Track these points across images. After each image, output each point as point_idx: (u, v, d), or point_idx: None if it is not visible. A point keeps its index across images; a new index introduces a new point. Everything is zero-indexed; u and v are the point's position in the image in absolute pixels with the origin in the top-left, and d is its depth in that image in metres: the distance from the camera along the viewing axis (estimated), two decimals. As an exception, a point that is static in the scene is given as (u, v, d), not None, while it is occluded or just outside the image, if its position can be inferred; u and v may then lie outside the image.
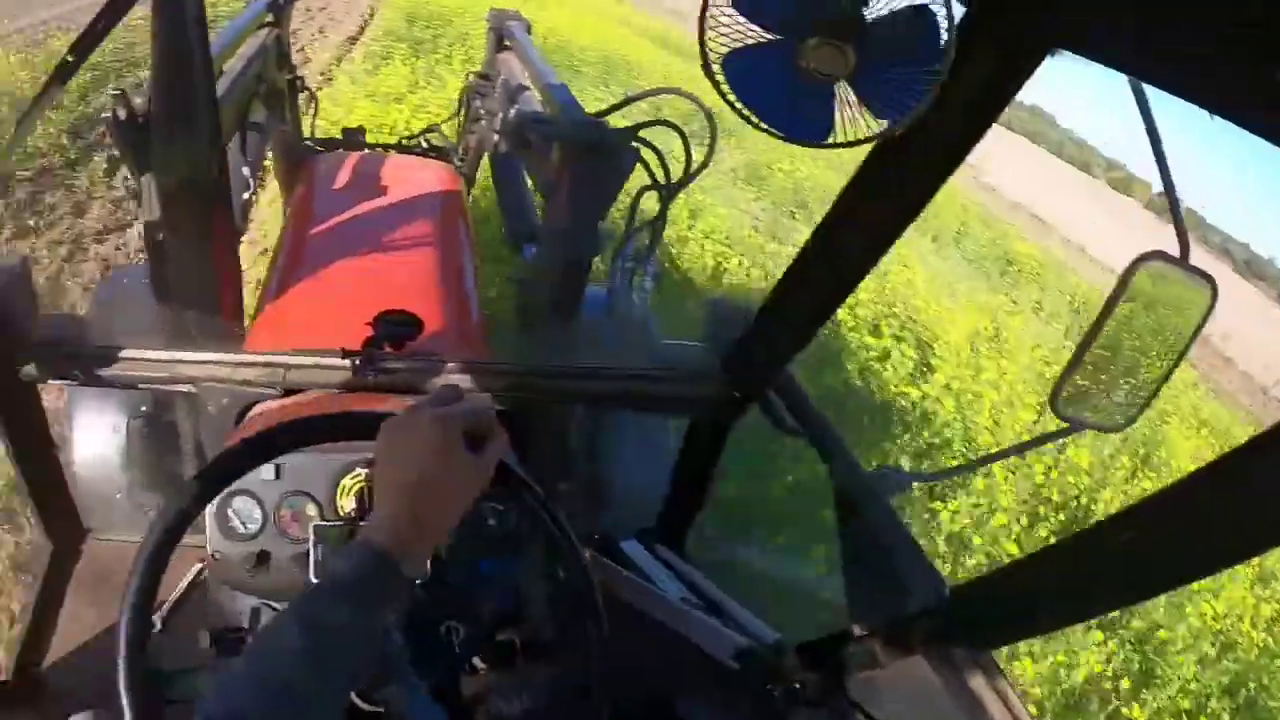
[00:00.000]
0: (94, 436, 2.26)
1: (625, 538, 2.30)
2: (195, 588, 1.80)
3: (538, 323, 2.40)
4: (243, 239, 3.72)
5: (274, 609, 1.52)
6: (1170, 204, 1.15)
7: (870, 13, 0.97)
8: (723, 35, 1.01)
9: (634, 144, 2.14)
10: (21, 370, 1.72)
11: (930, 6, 0.95)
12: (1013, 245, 16.92)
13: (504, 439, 1.13)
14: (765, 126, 1.07)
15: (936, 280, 10.26)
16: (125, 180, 6.18)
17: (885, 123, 1.05)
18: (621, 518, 2.43)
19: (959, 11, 1.05)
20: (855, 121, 1.06)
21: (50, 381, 1.79)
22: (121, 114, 1.81)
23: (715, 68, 1.03)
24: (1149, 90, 1.03)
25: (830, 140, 1.08)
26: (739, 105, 1.05)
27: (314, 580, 1.37)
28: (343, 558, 0.98)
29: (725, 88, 1.04)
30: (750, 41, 1.02)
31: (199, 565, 1.70)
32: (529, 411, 2.00)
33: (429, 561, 1.21)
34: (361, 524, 1.51)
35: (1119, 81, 1.01)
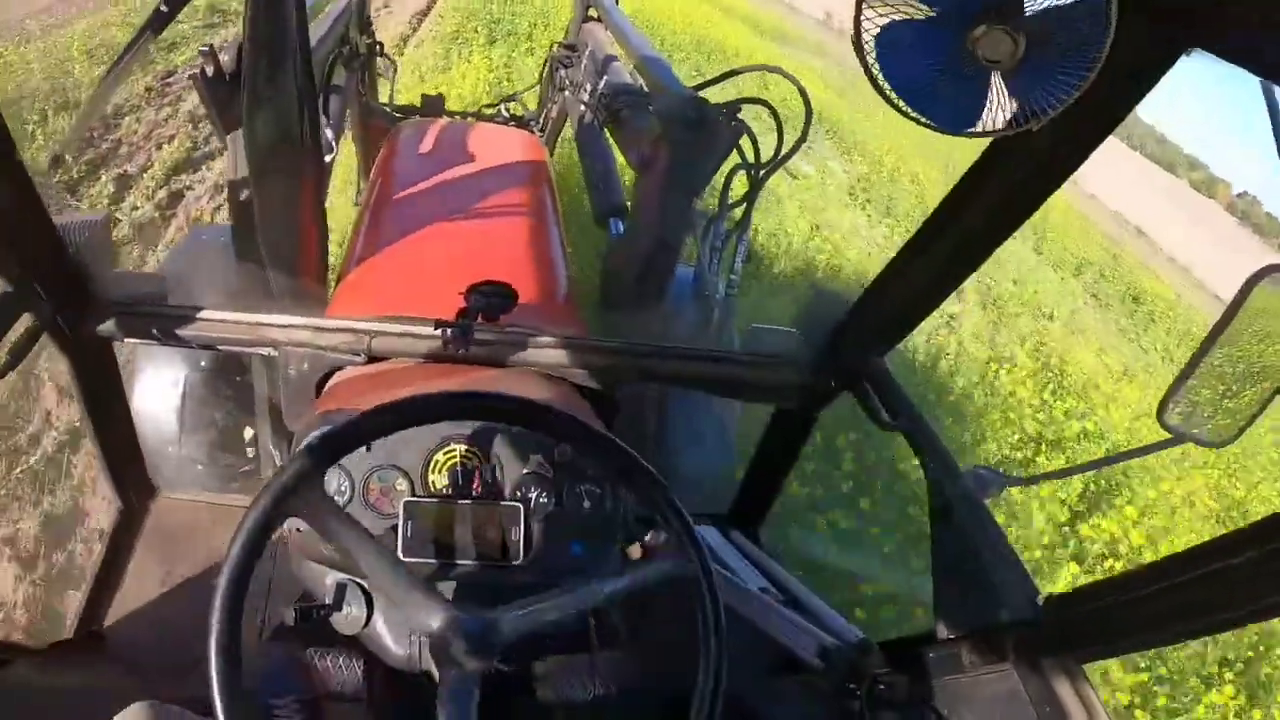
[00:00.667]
0: (162, 394, 2.29)
1: (700, 523, 2.28)
2: (272, 559, 1.78)
3: (624, 300, 2.38)
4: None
5: (360, 585, 1.47)
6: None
7: (1035, 4, 0.94)
8: (880, 7, 0.97)
9: (733, 122, 2.11)
10: (99, 328, 1.73)
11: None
12: (1139, 281, 16.60)
13: None
14: (912, 112, 1.03)
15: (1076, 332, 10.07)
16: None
17: (1034, 117, 1.01)
18: (696, 502, 2.41)
19: None
20: (1003, 111, 1.02)
21: (128, 340, 1.80)
22: (209, 70, 1.81)
23: (868, 41, 0.99)
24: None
25: (971, 130, 1.04)
26: (883, 82, 1.02)
27: (401, 557, 1.36)
28: None
29: (873, 62, 1.01)
30: (911, 15, 0.98)
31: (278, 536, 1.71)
32: (609, 390, 1.99)
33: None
34: (448, 502, 1.52)
35: (1202, 77, 0.99)
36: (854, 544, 4.07)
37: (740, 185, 2.19)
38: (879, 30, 0.99)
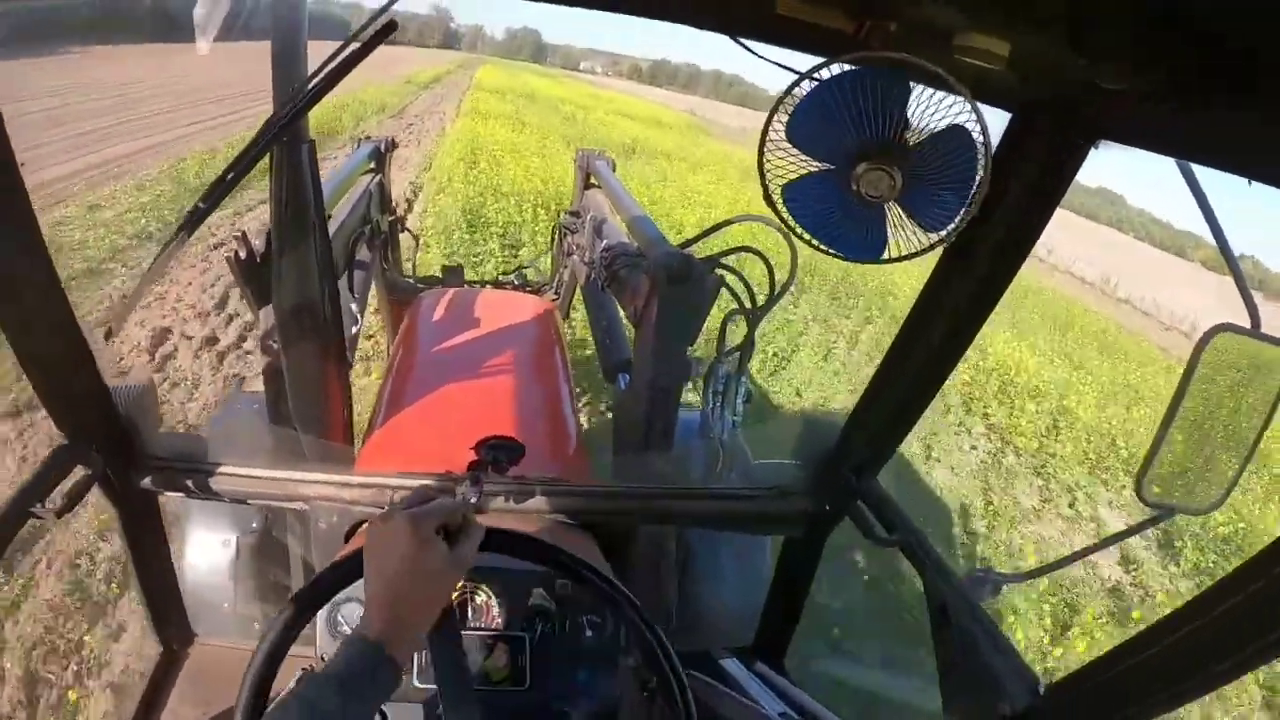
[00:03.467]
0: (207, 547, 2.38)
1: (724, 656, 2.30)
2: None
3: (635, 448, 2.46)
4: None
5: (382, 714, 1.58)
6: (1234, 275, 1.17)
7: (912, 137, 1.05)
8: (779, 166, 1.10)
9: (718, 271, 2.22)
10: (144, 482, 1.86)
11: (965, 124, 1.02)
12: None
13: (479, 531, 1.22)
14: (824, 247, 1.15)
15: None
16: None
17: (935, 235, 1.12)
18: (720, 636, 2.43)
19: (1003, 119, 1.13)
20: (907, 237, 1.13)
21: (169, 493, 1.93)
22: (242, 253, 2.00)
23: (775, 196, 1.12)
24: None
25: (885, 256, 1.15)
26: (799, 229, 1.14)
27: (416, 685, 1.46)
28: (339, 650, 1.06)
29: (785, 214, 1.13)
30: (805, 171, 1.10)
31: (303, 669, 1.78)
32: (627, 532, 2.07)
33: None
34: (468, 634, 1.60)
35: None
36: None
37: (739, 329, 2.28)
38: (783, 186, 1.12)
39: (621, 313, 3.03)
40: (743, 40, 1.19)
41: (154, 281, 1.68)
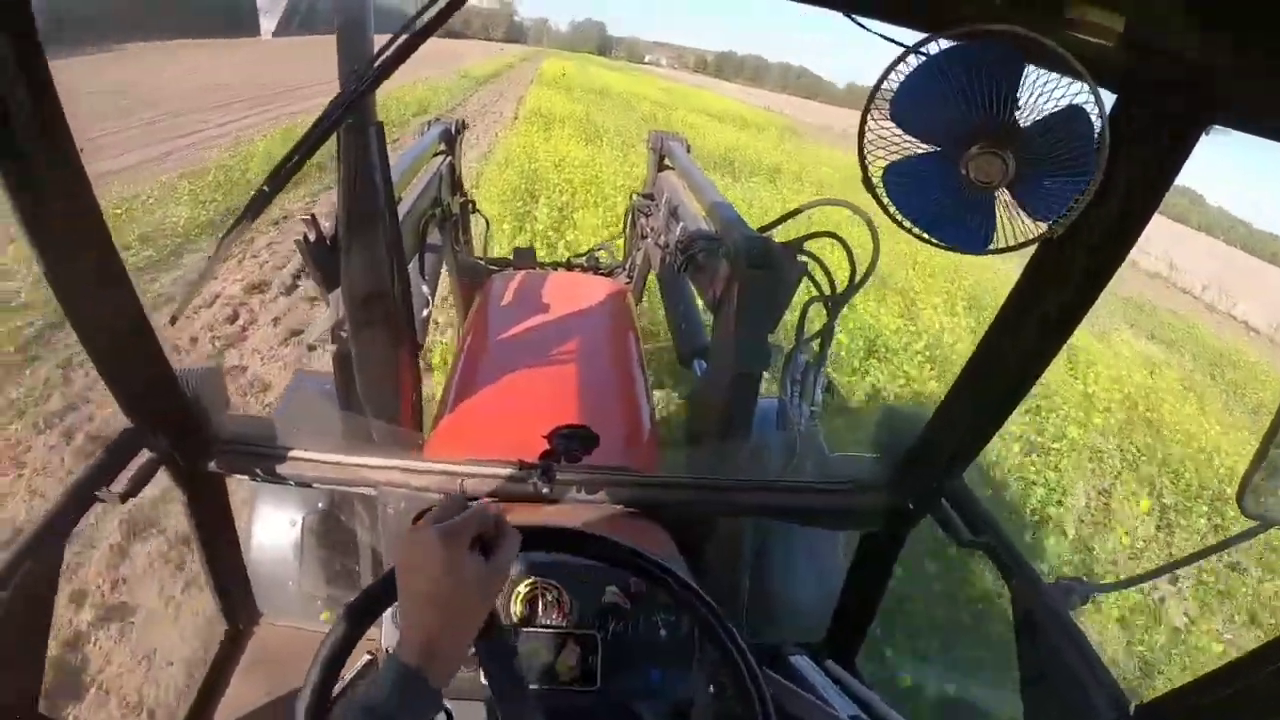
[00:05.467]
0: (273, 528, 2.41)
1: (795, 652, 2.27)
2: (361, 678, 1.84)
3: (710, 437, 2.43)
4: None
5: (448, 713, 1.57)
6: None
7: (1025, 118, 1.00)
8: (881, 148, 1.06)
9: (800, 257, 2.18)
10: (210, 464, 1.89)
11: (1083, 106, 0.97)
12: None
13: (515, 537, 1.17)
14: (926, 236, 1.10)
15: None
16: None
17: (1045, 225, 1.07)
18: (791, 632, 2.39)
19: (1109, 101, 1.07)
20: (1016, 225, 1.08)
21: (236, 476, 1.96)
22: (311, 236, 2.01)
23: (875, 180, 1.08)
24: None
25: (991, 246, 1.10)
26: (899, 216, 1.10)
27: (481, 680, 1.41)
28: (374, 677, 1.02)
29: (885, 199, 1.09)
30: (909, 153, 1.06)
31: (368, 656, 1.79)
32: (700, 525, 2.04)
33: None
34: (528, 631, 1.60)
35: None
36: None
37: (819, 317, 2.24)
38: (885, 169, 1.08)
39: (698, 298, 3.00)
40: (852, 15, 1.14)
41: (218, 265, 1.70)
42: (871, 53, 1.00)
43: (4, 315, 6.14)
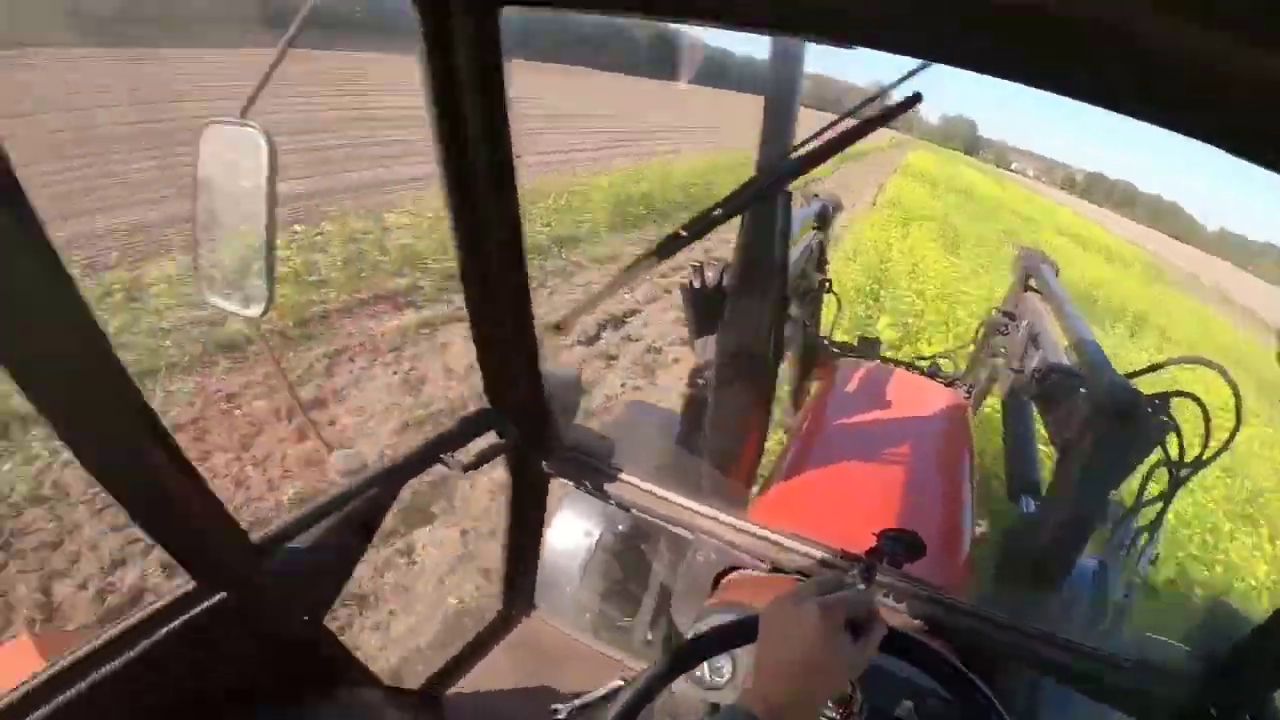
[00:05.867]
0: (569, 532, 2.49)
1: None
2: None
3: (1024, 579, 2.30)
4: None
5: None
6: None
7: None
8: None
9: (1164, 415, 2.04)
10: (546, 463, 2.01)
11: None
12: None
13: (881, 630, 1.15)
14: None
15: None
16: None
17: None
18: None
19: None
20: None
21: (564, 480, 2.06)
22: (695, 283, 2.09)
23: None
24: None
25: None
26: None
27: None
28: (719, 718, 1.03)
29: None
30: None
31: (619, 682, 1.83)
32: (989, 660, 1.93)
33: None
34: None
35: None
36: None
37: (1157, 482, 2.10)
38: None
39: (1041, 432, 2.86)
40: None
41: (612, 294, 1.84)
42: (1254, 201, 0.89)
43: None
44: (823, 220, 4.20)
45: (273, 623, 1.42)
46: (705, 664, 1.58)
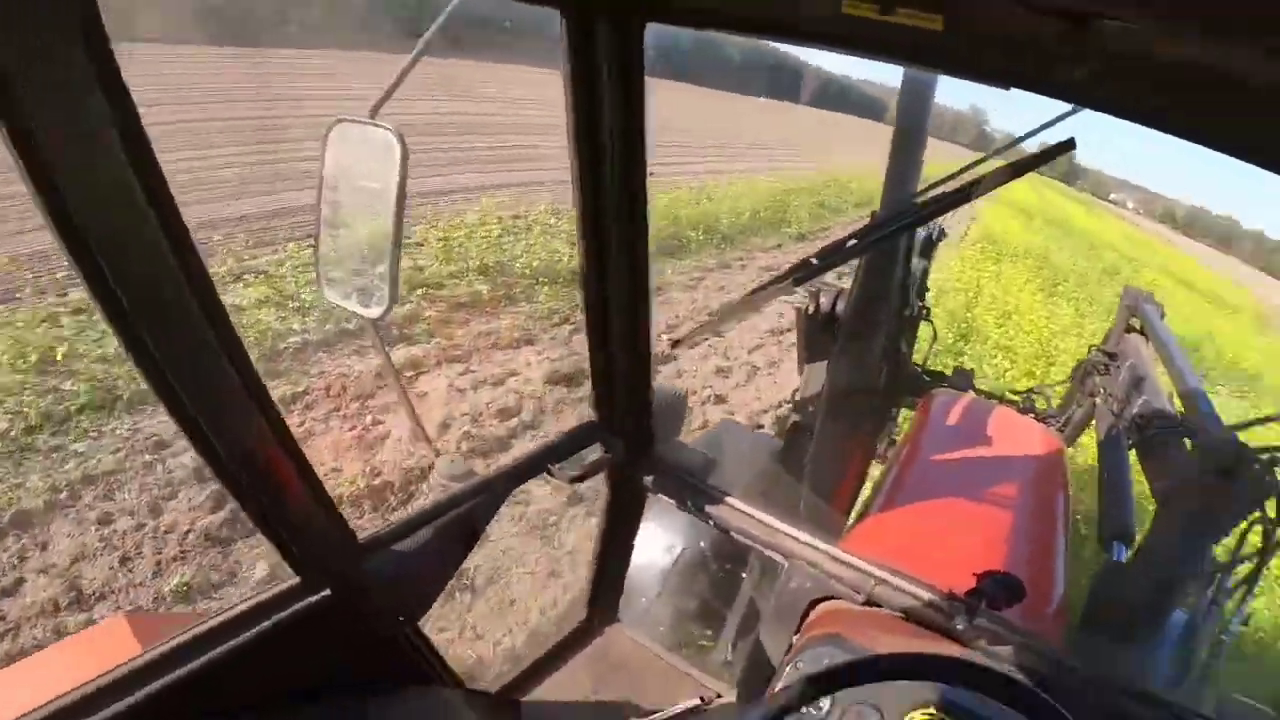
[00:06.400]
0: (654, 544, 2.51)
1: None
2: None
3: (1109, 628, 2.28)
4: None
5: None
6: None
7: None
8: None
9: (1268, 477, 2.01)
10: (646, 478, 2.04)
11: None
12: None
13: None
14: None
15: None
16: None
17: None
18: None
19: None
20: None
21: (660, 496, 2.08)
22: (810, 309, 2.13)
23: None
24: None
25: None
26: None
27: None
28: None
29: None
30: None
31: (697, 701, 1.86)
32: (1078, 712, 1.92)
33: None
34: None
35: None
36: None
37: (1256, 539, 2.08)
38: None
39: (1138, 479, 2.83)
40: None
41: (738, 315, 1.85)
42: None
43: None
44: (927, 247, 4.19)
45: (370, 621, 1.47)
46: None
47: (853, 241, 1.46)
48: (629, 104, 1.32)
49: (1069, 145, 1.19)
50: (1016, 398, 4.64)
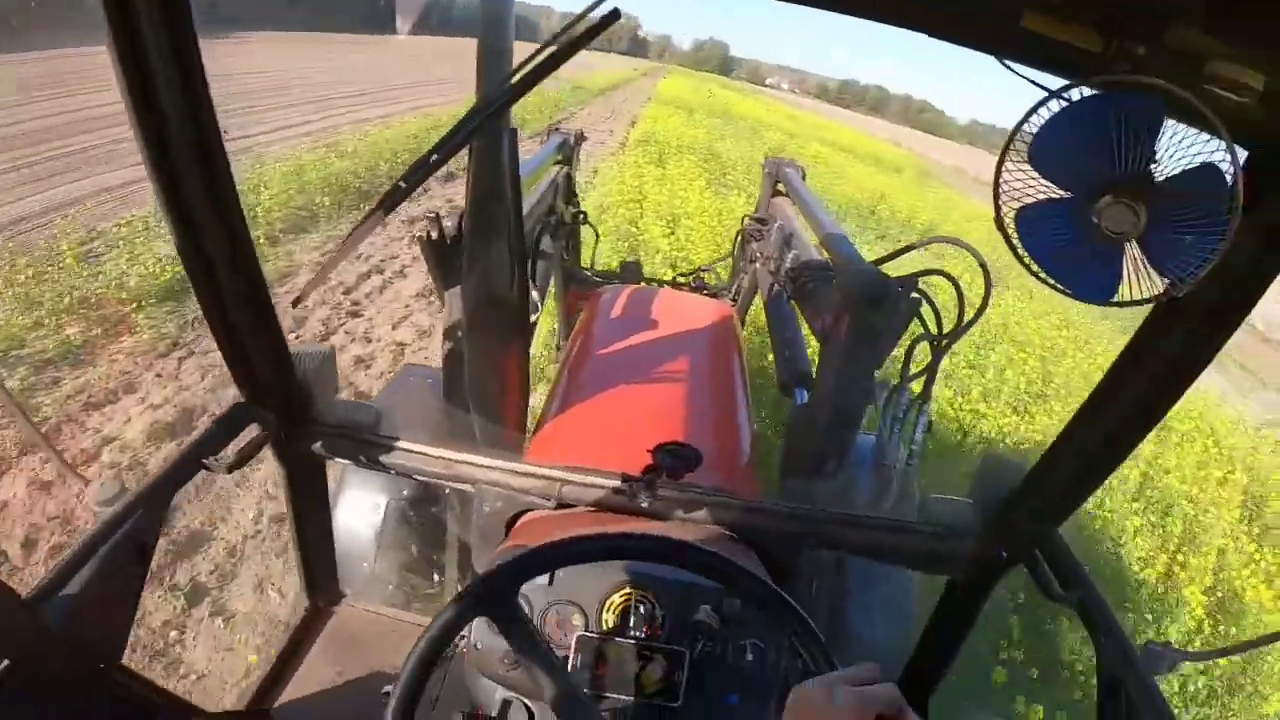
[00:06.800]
0: (357, 510, 2.49)
1: None
2: (443, 667, 1.90)
3: (805, 466, 2.43)
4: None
5: (525, 705, 1.62)
6: None
7: (1160, 172, 1.00)
8: (1015, 192, 1.06)
9: (912, 294, 2.17)
10: (314, 446, 1.97)
11: (1218, 164, 0.96)
12: None
13: None
14: (1052, 281, 1.10)
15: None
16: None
17: (1169, 282, 1.06)
18: None
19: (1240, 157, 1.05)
20: (1141, 280, 1.07)
21: (338, 460, 2.02)
22: (433, 234, 2.07)
23: (1008, 222, 1.08)
24: None
25: (1116, 299, 1.10)
26: (1028, 259, 1.10)
27: (570, 683, 1.40)
28: None
29: (1016, 241, 1.10)
30: (1043, 198, 1.06)
31: (457, 650, 1.84)
32: (787, 552, 2.04)
33: None
34: (618, 640, 1.62)
35: None
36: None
37: (924, 355, 2.23)
38: (1017, 211, 1.09)
39: (804, 326, 3.00)
40: (1001, 58, 1.15)
41: (347, 255, 1.76)
42: (996, 93, 1.00)
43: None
44: (565, 154, 4.25)
45: (65, 679, 1.34)
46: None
47: (434, 156, 1.41)
48: (185, 70, 1.20)
49: (614, 16, 1.17)
50: (686, 279, 4.84)
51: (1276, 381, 16.49)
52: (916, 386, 2.27)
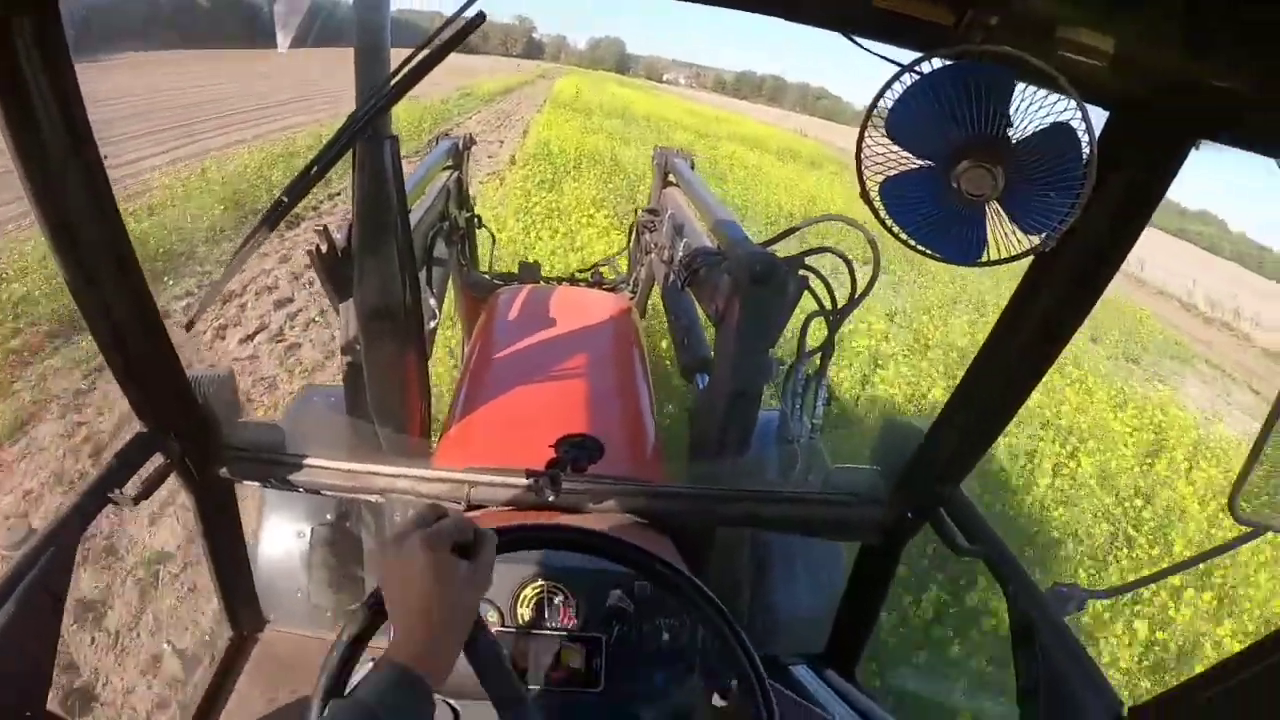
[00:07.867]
0: (281, 536, 2.44)
1: (795, 662, 2.28)
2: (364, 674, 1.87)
3: (712, 448, 2.45)
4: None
5: (449, 705, 1.62)
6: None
7: (1015, 134, 1.03)
8: (878, 164, 1.09)
9: (801, 272, 2.21)
10: (221, 470, 1.93)
11: (1071, 123, 0.99)
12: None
13: (491, 539, 1.20)
14: (921, 248, 1.13)
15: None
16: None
17: (1036, 238, 1.10)
18: (791, 642, 2.42)
19: (1100, 117, 1.10)
20: (1008, 239, 1.11)
21: (246, 482, 1.99)
22: (324, 247, 2.04)
23: (873, 194, 1.11)
24: None
25: (984, 259, 1.13)
26: (896, 229, 1.13)
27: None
28: (371, 677, 1.04)
29: (883, 213, 1.12)
30: (905, 168, 1.09)
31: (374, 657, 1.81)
32: (703, 535, 2.07)
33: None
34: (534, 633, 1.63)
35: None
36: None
37: (820, 330, 2.26)
38: (881, 183, 1.11)
39: (701, 312, 3.03)
40: (852, 36, 1.18)
41: (235, 274, 1.71)
42: (889, 74, 1.03)
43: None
44: (456, 158, 4.22)
45: None
46: None
47: (315, 169, 1.41)
48: (64, 99, 1.17)
49: (480, 19, 1.18)
50: (584, 275, 4.86)
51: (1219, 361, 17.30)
52: (816, 362, 2.31)
